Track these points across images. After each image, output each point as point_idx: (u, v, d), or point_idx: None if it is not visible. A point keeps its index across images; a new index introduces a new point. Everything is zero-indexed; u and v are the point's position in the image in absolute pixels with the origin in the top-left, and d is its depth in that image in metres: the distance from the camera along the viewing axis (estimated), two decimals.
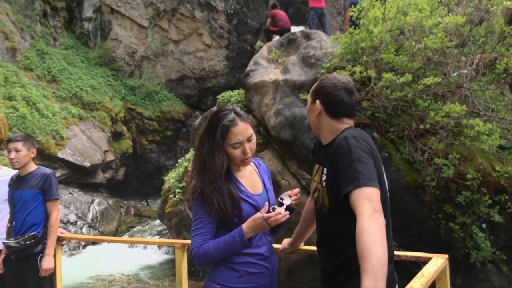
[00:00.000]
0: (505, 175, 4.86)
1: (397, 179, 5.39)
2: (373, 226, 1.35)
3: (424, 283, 1.47)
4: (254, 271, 1.78)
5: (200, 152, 1.82)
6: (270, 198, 1.88)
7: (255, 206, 1.80)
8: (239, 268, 1.76)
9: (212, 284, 1.79)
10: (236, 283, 1.75)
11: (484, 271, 5.01)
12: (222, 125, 1.77)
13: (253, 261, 1.78)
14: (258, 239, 1.81)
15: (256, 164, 1.99)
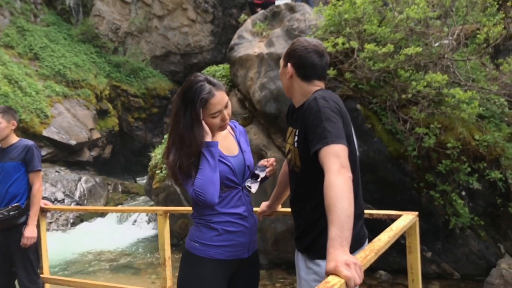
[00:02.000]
0: (484, 144, 4.97)
1: (379, 149, 5.48)
2: (340, 181, 1.40)
3: (391, 236, 1.54)
4: (232, 229, 1.82)
5: (177, 126, 1.81)
6: (246, 159, 1.91)
7: (229, 166, 1.84)
8: (218, 227, 1.81)
9: (192, 243, 1.84)
10: (215, 241, 1.80)
11: (463, 236, 5.17)
12: (201, 98, 1.77)
13: (231, 220, 1.82)
14: (237, 200, 1.85)
15: (232, 127, 2.02)
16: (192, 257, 1.82)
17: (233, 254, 1.83)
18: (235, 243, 1.83)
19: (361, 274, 1.22)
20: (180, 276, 1.84)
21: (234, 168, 1.84)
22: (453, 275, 5.16)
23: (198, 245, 1.81)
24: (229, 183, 1.83)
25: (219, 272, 1.79)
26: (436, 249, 5.27)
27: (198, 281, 1.77)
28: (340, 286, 1.14)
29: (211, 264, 1.79)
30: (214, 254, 1.80)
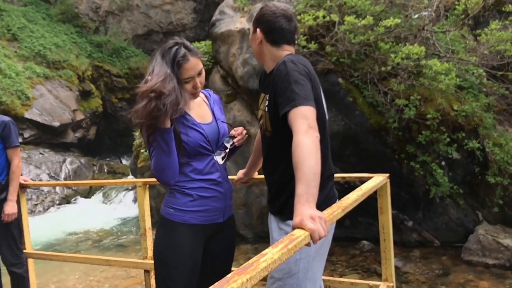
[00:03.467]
0: (462, 114, 5.05)
1: (361, 122, 5.53)
2: (307, 140, 1.43)
3: (360, 195, 1.58)
4: (207, 195, 1.85)
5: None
6: (220, 127, 1.93)
7: (202, 133, 1.85)
8: (192, 193, 1.83)
9: (167, 209, 1.87)
10: (189, 207, 1.83)
11: (442, 205, 5.29)
12: (176, 62, 1.78)
13: (205, 186, 1.85)
14: (211, 166, 1.87)
15: (206, 95, 2.03)
16: (168, 222, 1.84)
17: (208, 218, 1.86)
18: (210, 208, 1.86)
19: (326, 227, 1.26)
20: (156, 242, 1.87)
21: (207, 135, 1.86)
22: (433, 243, 5.30)
23: (173, 210, 1.84)
24: (202, 150, 1.84)
25: (194, 236, 1.82)
26: (417, 218, 5.40)
27: (174, 246, 1.80)
28: (305, 238, 1.18)
29: (186, 228, 1.82)
30: (189, 219, 1.83)
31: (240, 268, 0.97)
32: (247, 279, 0.92)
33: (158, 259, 1.83)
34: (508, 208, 5.07)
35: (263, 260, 1.01)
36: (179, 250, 1.78)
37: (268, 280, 1.73)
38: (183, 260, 1.77)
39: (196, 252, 1.82)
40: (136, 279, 4.90)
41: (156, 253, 1.85)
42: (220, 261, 1.95)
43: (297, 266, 1.66)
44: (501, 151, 4.97)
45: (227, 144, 1.89)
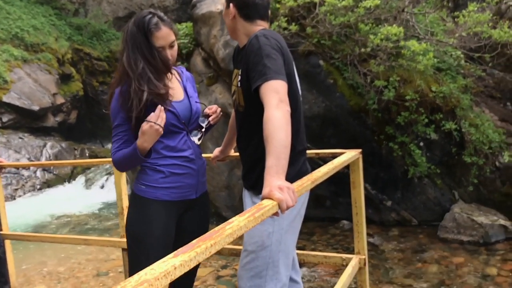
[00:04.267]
0: (440, 95, 5.12)
1: (342, 104, 5.58)
2: (278, 114, 1.44)
3: (331, 168, 1.61)
4: (179, 171, 1.85)
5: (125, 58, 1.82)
6: (193, 105, 1.92)
7: (174, 112, 1.84)
8: (164, 169, 1.83)
9: (138, 186, 1.87)
10: (161, 183, 1.83)
11: (421, 185, 5.40)
12: (148, 29, 1.77)
13: (177, 163, 1.85)
14: (183, 143, 1.87)
15: (179, 72, 2.02)
16: (139, 199, 1.85)
17: (180, 195, 1.86)
18: (182, 185, 1.86)
19: (294, 197, 1.28)
20: (128, 218, 1.87)
21: (178, 114, 1.85)
22: (411, 222, 5.43)
23: (145, 187, 1.83)
24: (173, 128, 1.84)
25: (166, 212, 1.83)
26: (395, 198, 5.50)
27: (146, 222, 1.80)
28: (272, 207, 1.21)
29: (158, 205, 1.82)
30: (161, 196, 1.83)
31: (205, 234, 0.99)
32: (211, 244, 0.94)
33: (130, 235, 1.83)
34: (483, 187, 5.20)
35: (229, 227, 1.03)
36: (151, 226, 1.79)
37: (241, 254, 1.77)
38: (156, 236, 1.78)
39: (168, 228, 1.83)
40: (117, 261, 4.91)
41: (129, 229, 1.85)
42: (194, 237, 1.96)
43: (270, 239, 1.69)
44: (477, 131, 5.08)
45: (202, 124, 1.89)
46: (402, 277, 4.28)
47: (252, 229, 1.73)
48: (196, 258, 0.89)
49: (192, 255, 0.88)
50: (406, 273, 4.34)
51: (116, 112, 1.82)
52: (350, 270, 1.80)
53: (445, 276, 4.21)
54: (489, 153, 5.14)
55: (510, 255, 4.44)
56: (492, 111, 5.72)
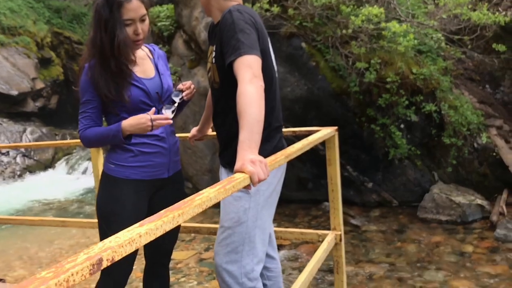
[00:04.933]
0: (420, 77, 5.16)
1: (323, 87, 5.59)
2: (251, 89, 1.43)
3: (305, 144, 1.62)
4: (149, 150, 1.82)
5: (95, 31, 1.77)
6: (164, 82, 1.89)
7: (144, 89, 1.81)
8: (133, 148, 1.80)
9: (108, 165, 1.84)
10: (131, 162, 1.80)
11: (401, 166, 5.47)
12: (118, 1, 1.73)
13: (148, 141, 1.82)
14: None
15: (150, 50, 1.98)
16: (109, 178, 1.82)
17: (151, 174, 1.83)
18: (153, 164, 1.83)
19: (267, 171, 1.28)
20: (98, 197, 1.84)
21: (149, 91, 1.82)
22: (391, 203, 5.51)
23: (114, 166, 1.81)
24: (143, 106, 1.80)
25: (136, 191, 1.80)
26: (376, 179, 5.57)
27: (115, 201, 1.78)
28: (244, 180, 1.21)
29: (128, 184, 1.79)
30: (130, 175, 1.80)
31: (174, 205, 0.99)
32: (179, 214, 0.94)
33: (100, 214, 1.81)
34: (461, 167, 5.29)
35: (198, 198, 1.03)
36: (121, 205, 1.76)
37: (218, 230, 1.77)
38: (126, 215, 1.75)
39: (139, 207, 1.80)
40: None
41: (99, 208, 1.82)
42: None
43: (246, 214, 1.70)
44: (456, 113, 5.15)
45: (175, 98, 1.86)
46: (382, 256, 4.36)
47: (228, 205, 1.74)
48: (162, 227, 0.89)
49: (158, 224, 0.88)
50: (386, 252, 4.42)
51: (86, 87, 1.78)
52: (326, 245, 1.82)
53: (424, 254, 4.30)
54: (468, 135, 5.22)
55: (486, 233, 4.56)
56: (471, 93, 5.80)
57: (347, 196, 5.67)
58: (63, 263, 0.71)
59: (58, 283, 0.66)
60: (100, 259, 0.73)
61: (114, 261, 0.76)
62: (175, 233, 2.00)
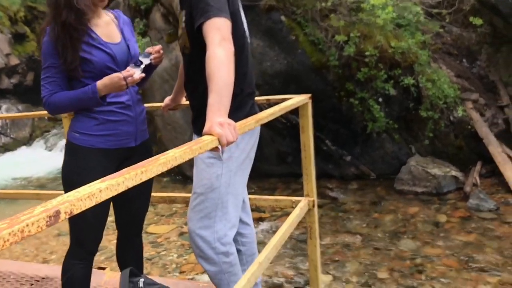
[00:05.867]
0: (399, 51, 5.19)
1: (303, 61, 5.58)
2: (220, 52, 1.42)
3: (277, 110, 1.62)
4: (114, 119, 1.78)
5: None
6: (131, 48, 1.84)
7: (109, 54, 1.76)
8: (98, 116, 1.76)
9: (72, 134, 1.79)
10: (96, 131, 1.76)
11: (379, 140, 5.54)
12: None
13: (113, 109, 1.77)
14: None
15: (115, 15, 1.92)
16: (74, 147, 1.77)
17: (117, 143, 1.79)
18: (119, 132, 1.79)
19: (235, 133, 1.28)
20: (63, 167, 1.80)
21: (115, 56, 1.77)
22: (369, 175, 5.60)
23: (79, 135, 1.76)
24: (109, 71, 1.74)
25: (102, 160, 1.76)
26: (355, 153, 5.64)
27: (81, 170, 1.74)
28: (211, 141, 1.21)
29: (93, 153, 1.75)
30: (96, 143, 1.76)
31: (139, 163, 0.98)
32: (142, 171, 0.94)
33: (66, 184, 1.76)
34: (438, 140, 5.39)
35: (163, 157, 1.02)
36: (86, 175, 1.71)
37: (191, 197, 1.77)
38: None
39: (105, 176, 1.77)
40: None
41: (64, 178, 1.78)
42: (137, 187, 1.90)
43: (219, 180, 1.70)
44: (433, 87, 5.20)
45: (144, 60, 1.81)
46: (360, 227, 4.45)
47: (201, 172, 1.74)
48: (124, 183, 0.88)
49: (120, 180, 0.88)
50: (363, 223, 4.51)
51: (48, 51, 1.71)
52: (298, 211, 1.85)
53: (400, 225, 4.41)
54: (444, 108, 5.30)
55: (459, 203, 4.68)
56: (449, 67, 5.86)
57: (326, 169, 5.74)
58: (18, 215, 0.71)
59: (12, 233, 0.65)
60: (57, 212, 0.73)
61: (72, 214, 0.76)
62: (146, 201, 1.99)
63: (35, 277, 2.43)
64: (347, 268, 3.69)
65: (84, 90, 1.70)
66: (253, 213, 5.27)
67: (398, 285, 3.40)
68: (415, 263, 3.69)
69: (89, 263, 1.83)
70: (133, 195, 1.92)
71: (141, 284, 1.53)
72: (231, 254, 1.75)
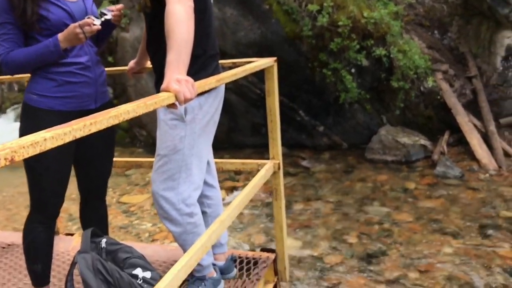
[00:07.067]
0: (371, 21, 5.20)
1: (277, 31, 5.53)
2: (179, 8, 1.40)
3: (239, 71, 1.62)
4: (74, 80, 1.75)
5: None
6: (88, 7, 1.81)
7: (67, 11, 1.73)
8: (57, 78, 1.72)
9: (29, 95, 1.75)
10: (54, 92, 1.73)
11: (351, 110, 5.61)
12: None
13: (72, 70, 1.74)
14: (78, 49, 1.76)
15: None
16: (31, 109, 1.73)
17: (77, 105, 1.76)
18: (78, 94, 1.76)
19: (193, 90, 1.28)
20: (20, 130, 1.76)
21: (72, 14, 1.73)
22: (341, 145, 5.68)
23: (37, 97, 1.72)
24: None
25: (61, 123, 1.71)
26: (327, 123, 5.70)
27: None
28: (168, 97, 1.20)
29: (52, 115, 1.71)
30: (54, 105, 1.73)
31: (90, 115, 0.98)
32: (91, 122, 0.94)
33: None
34: (408, 110, 5.49)
35: (115, 111, 1.02)
36: None
37: (155, 159, 1.78)
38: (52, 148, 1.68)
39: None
40: None
41: None
42: (98, 149, 1.91)
43: (182, 142, 1.70)
44: (404, 57, 5.26)
45: (107, 12, 1.76)
46: (330, 194, 4.54)
47: (164, 134, 1.74)
48: (71, 133, 0.88)
49: (66, 130, 0.87)
50: (334, 191, 4.61)
51: (3, 6, 1.65)
52: (263, 172, 1.87)
53: (369, 192, 4.52)
54: (415, 79, 5.37)
55: (426, 171, 4.82)
56: (421, 38, 5.92)
57: (299, 139, 5.80)
58: None
59: None
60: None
61: (13, 161, 0.75)
62: (108, 165, 1.98)
63: (1, 244, 2.41)
64: (317, 233, 3.78)
65: (45, 44, 1.66)
66: (227, 182, 5.30)
67: (365, 249, 3.51)
68: (383, 228, 3.81)
69: (51, 226, 1.82)
70: (93, 158, 1.91)
71: (104, 244, 1.54)
72: (195, 215, 1.77)
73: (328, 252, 3.49)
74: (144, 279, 1.47)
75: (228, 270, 1.98)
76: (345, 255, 3.42)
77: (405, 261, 3.28)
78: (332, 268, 3.27)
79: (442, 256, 3.32)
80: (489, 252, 3.33)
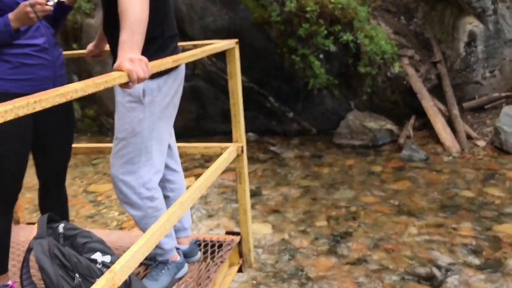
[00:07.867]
0: (339, 6, 5.23)
1: (246, 17, 5.50)
2: None
3: (199, 51, 1.60)
4: (30, 62, 1.70)
5: None
6: None
7: None
8: (12, 59, 1.67)
9: None
10: (10, 75, 1.68)
11: (320, 96, 5.65)
12: None
13: (29, 52, 1.69)
14: (34, 30, 1.71)
15: None
16: None
17: (34, 88, 1.69)
18: (36, 77, 1.72)
19: (147, 70, 1.25)
20: None
21: None
22: (310, 131, 5.73)
23: None
24: None
25: None
26: (297, 109, 5.73)
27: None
28: (120, 76, 1.18)
29: (9, 98, 1.61)
30: (11, 88, 1.68)
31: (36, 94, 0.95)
32: (35, 101, 0.91)
33: None
34: (375, 96, 5.57)
35: (63, 89, 0.99)
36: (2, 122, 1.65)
37: (113, 142, 1.74)
38: (9, 131, 1.61)
39: (23, 124, 1.68)
40: None
41: None
42: (57, 131, 1.86)
43: (141, 125, 1.68)
44: (371, 43, 5.32)
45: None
46: (299, 179, 4.59)
47: (122, 116, 1.70)
48: (13, 111, 0.85)
49: (8, 108, 0.84)
50: (303, 176, 4.65)
51: None
52: (226, 155, 1.87)
53: (337, 176, 4.59)
54: (382, 64, 5.45)
55: (393, 155, 4.93)
56: (388, 24, 5.99)
57: (269, 126, 5.82)
58: None
59: None
60: None
61: None
62: (66, 151, 1.93)
63: None
64: (287, 217, 3.83)
65: None
66: (197, 169, 5.26)
67: (333, 231, 3.57)
68: (350, 211, 3.88)
69: (9, 214, 1.77)
70: (52, 143, 1.87)
71: (61, 229, 1.51)
72: (156, 199, 1.75)
73: (297, 236, 3.53)
74: (104, 263, 1.45)
75: (192, 253, 1.97)
76: (313, 238, 3.48)
77: (371, 242, 3.36)
78: (300, 250, 3.32)
79: (407, 237, 3.42)
80: (451, 231, 3.44)
